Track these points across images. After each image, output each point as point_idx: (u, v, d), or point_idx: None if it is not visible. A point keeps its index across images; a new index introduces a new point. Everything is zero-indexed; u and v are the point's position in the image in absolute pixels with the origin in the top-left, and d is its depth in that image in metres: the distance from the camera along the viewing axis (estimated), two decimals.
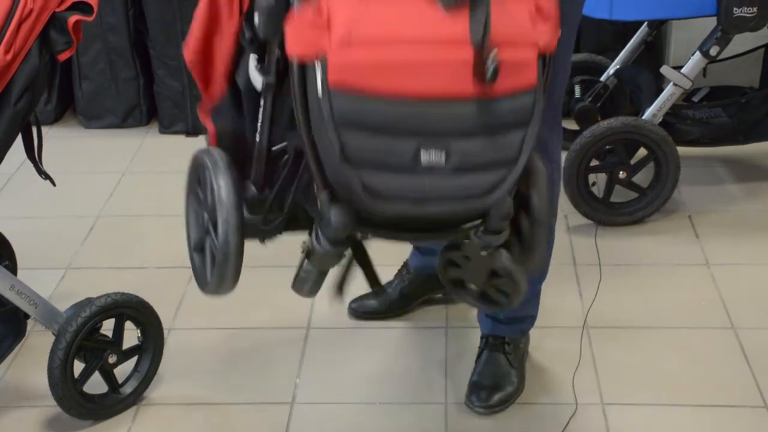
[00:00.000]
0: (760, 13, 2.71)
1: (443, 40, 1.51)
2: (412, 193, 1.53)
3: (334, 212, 1.57)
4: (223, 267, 1.74)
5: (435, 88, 1.51)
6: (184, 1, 3.38)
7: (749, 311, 2.55)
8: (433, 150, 1.52)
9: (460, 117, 1.53)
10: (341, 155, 1.50)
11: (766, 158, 3.20)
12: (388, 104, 1.50)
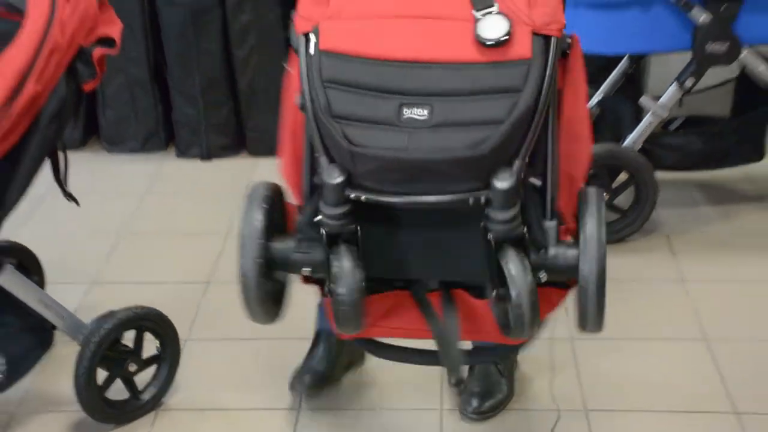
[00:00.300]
0: (730, 48, 2.72)
1: (427, 15, 1.61)
2: (392, 145, 1.53)
3: (327, 170, 1.57)
4: (245, 295, 1.70)
5: (413, 53, 1.59)
6: (200, 37, 3.40)
7: (721, 324, 2.54)
8: (414, 107, 1.55)
9: (445, 78, 1.57)
10: (327, 109, 1.56)
11: (737, 182, 3.20)
12: (370, 65, 1.58)
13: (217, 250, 2.96)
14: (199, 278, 2.83)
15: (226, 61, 3.47)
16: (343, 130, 1.54)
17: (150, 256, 2.97)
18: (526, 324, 1.60)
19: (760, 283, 2.72)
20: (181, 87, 3.49)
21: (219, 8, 3.37)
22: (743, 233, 2.96)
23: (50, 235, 2.98)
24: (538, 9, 1.61)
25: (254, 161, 3.53)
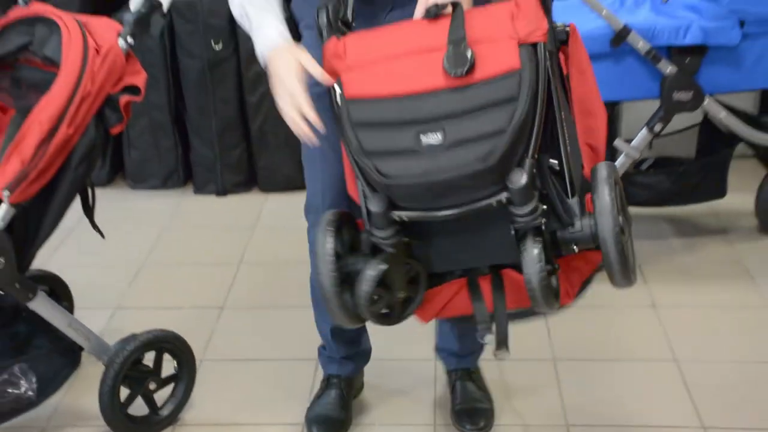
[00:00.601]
0: (694, 97, 2.73)
1: (425, 48, 1.66)
2: (415, 170, 1.60)
3: (371, 200, 1.64)
4: (327, 305, 1.72)
5: (425, 84, 1.64)
6: (216, 85, 3.41)
7: (689, 346, 2.54)
8: (429, 133, 1.61)
9: (448, 102, 1.62)
10: (359, 148, 1.63)
11: (702, 217, 3.20)
12: (388, 103, 1.65)
13: (230, 278, 2.96)
14: (213, 304, 2.83)
15: (239, 107, 3.48)
16: (375, 165, 1.61)
17: (169, 283, 2.96)
18: (540, 302, 1.63)
19: (725, 308, 2.71)
20: (199, 130, 3.50)
21: (233, 60, 3.40)
22: (709, 262, 2.95)
23: (79, 263, 2.98)
24: (520, 21, 1.64)
25: (265, 196, 3.53)
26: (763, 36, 2.69)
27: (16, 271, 1.97)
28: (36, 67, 2.04)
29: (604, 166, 1.67)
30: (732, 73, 2.72)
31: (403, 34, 1.71)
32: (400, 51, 1.68)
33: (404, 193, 1.63)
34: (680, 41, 2.67)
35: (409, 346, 2.40)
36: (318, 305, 2.24)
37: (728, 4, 2.63)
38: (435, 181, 1.58)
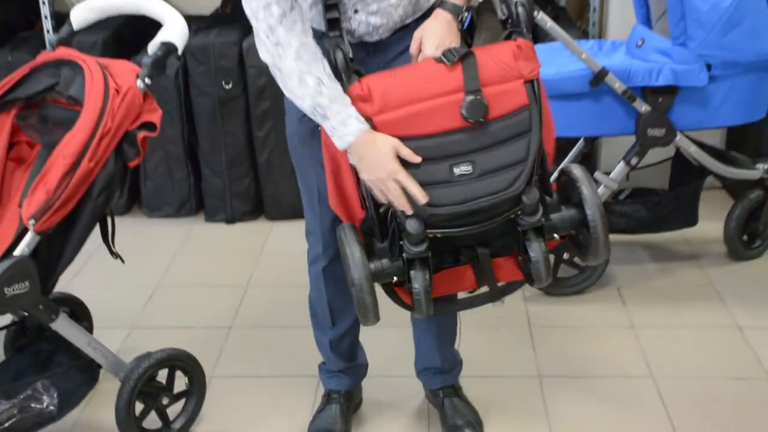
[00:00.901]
0: (667, 133, 2.74)
1: (448, 90, 1.73)
2: (453, 198, 1.73)
3: (410, 223, 1.73)
4: (362, 305, 1.78)
5: (450, 124, 1.73)
6: (226, 120, 3.42)
7: (665, 363, 2.53)
8: (461, 165, 1.72)
9: (472, 139, 1.73)
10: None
11: (676, 244, 3.20)
12: (420, 141, 1.72)
13: (238, 300, 2.95)
14: (222, 324, 2.82)
15: (247, 141, 3.48)
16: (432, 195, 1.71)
17: (181, 305, 2.95)
18: (543, 278, 1.81)
19: (698, 328, 2.71)
20: (210, 162, 3.50)
21: (242, 98, 3.40)
22: (682, 286, 2.95)
23: (98, 286, 2.97)
24: (521, 61, 1.75)
25: (270, 224, 3.53)
26: (728, 78, 2.71)
27: (40, 293, 1.97)
28: (61, 106, 2.05)
29: (576, 167, 1.85)
30: (701, 111, 2.74)
31: (422, 77, 1.75)
32: (424, 94, 1.73)
33: (444, 218, 1.74)
34: (653, 82, 2.68)
35: (404, 364, 2.39)
36: (317, 322, 2.24)
37: (696, 49, 2.65)
38: (472, 209, 1.73)
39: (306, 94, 1.74)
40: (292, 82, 1.74)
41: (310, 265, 2.17)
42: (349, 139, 1.73)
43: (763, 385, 2.42)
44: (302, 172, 2.06)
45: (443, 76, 1.73)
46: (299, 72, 1.73)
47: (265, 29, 1.73)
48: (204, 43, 3.33)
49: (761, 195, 3.01)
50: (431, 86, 1.73)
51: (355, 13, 1.84)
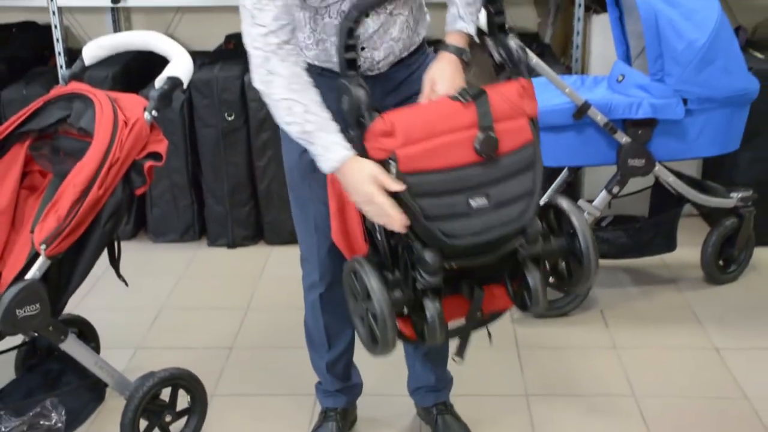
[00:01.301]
0: (646, 163, 2.77)
1: (464, 126, 1.74)
2: (472, 229, 1.72)
3: (427, 254, 1.71)
4: (384, 334, 1.74)
5: (466, 158, 1.73)
6: (228, 151, 3.43)
7: (646, 382, 2.54)
8: (477, 197, 1.72)
9: (487, 172, 1.74)
10: (422, 215, 1.69)
11: (656, 268, 3.21)
12: (439, 175, 1.71)
13: (239, 322, 2.95)
14: (223, 344, 2.82)
15: (248, 170, 3.50)
16: (439, 228, 1.70)
17: (184, 326, 2.95)
18: (541, 303, 1.83)
19: (677, 349, 2.72)
20: (213, 190, 3.51)
21: (244, 129, 3.42)
22: (662, 308, 2.96)
23: (105, 308, 2.96)
24: (525, 100, 1.79)
25: (270, 249, 3.53)
26: (703, 112, 2.74)
27: (50, 315, 1.98)
28: (73, 137, 2.07)
29: (563, 199, 1.88)
30: (678, 143, 2.77)
31: (440, 113, 1.75)
32: (442, 129, 1.73)
33: (462, 249, 1.74)
34: (633, 115, 2.72)
35: (397, 383, 2.40)
36: (313, 345, 2.24)
37: (673, 85, 2.69)
38: (488, 239, 1.73)
39: (293, 121, 1.76)
40: (282, 110, 1.77)
41: (307, 291, 2.16)
42: (333, 165, 1.75)
43: (739, 404, 2.43)
44: (300, 204, 2.06)
45: (459, 112, 1.74)
46: (288, 100, 1.75)
47: (261, 57, 1.74)
48: (208, 78, 3.36)
49: (736, 222, 3.03)
50: (448, 122, 1.73)
51: (362, 50, 1.87)
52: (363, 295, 1.77)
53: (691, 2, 2.71)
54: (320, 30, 1.86)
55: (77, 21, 3.85)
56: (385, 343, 1.75)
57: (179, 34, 3.84)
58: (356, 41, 1.79)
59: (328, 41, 1.87)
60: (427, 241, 1.72)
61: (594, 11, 3.43)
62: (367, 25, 1.83)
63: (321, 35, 1.86)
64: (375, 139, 1.71)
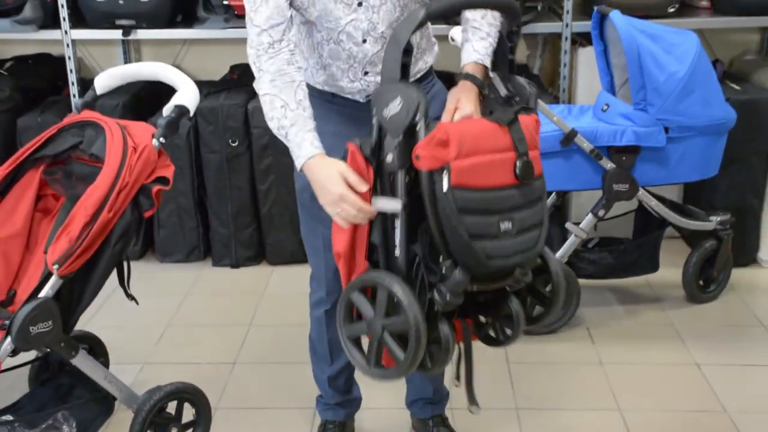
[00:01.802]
0: (630, 188, 2.77)
1: (504, 148, 1.66)
2: (504, 252, 1.63)
3: (458, 272, 1.61)
4: (416, 349, 1.61)
5: (503, 180, 1.65)
6: (232, 175, 3.43)
7: (631, 397, 2.54)
8: (505, 221, 1.63)
9: (516, 197, 1.66)
10: (466, 233, 1.59)
11: (640, 287, 3.22)
12: (481, 193, 1.62)
13: (242, 338, 2.95)
14: (227, 360, 2.82)
15: (251, 194, 3.50)
16: (482, 247, 1.60)
17: (190, 342, 2.95)
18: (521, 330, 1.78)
19: (660, 365, 2.72)
20: (218, 213, 3.51)
21: (247, 155, 3.43)
22: (645, 326, 2.96)
23: (114, 325, 2.96)
24: (536, 134, 1.73)
25: (272, 269, 3.52)
26: (683, 140, 2.75)
27: (62, 332, 1.98)
28: (84, 163, 2.07)
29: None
30: (660, 169, 2.78)
31: (485, 132, 1.67)
32: (486, 148, 1.64)
33: (491, 272, 1.65)
34: (618, 143, 2.73)
35: (393, 397, 2.40)
36: (316, 359, 2.24)
37: (655, 114, 2.71)
38: (511, 264, 1.66)
39: (273, 116, 1.76)
40: (266, 105, 1.78)
41: (313, 307, 2.16)
42: (301, 161, 1.73)
43: (719, 417, 2.43)
44: (310, 224, 2.05)
45: (498, 134, 1.67)
46: (270, 95, 1.76)
47: (254, 56, 1.78)
48: (213, 106, 3.38)
49: (715, 244, 3.04)
50: (491, 142, 1.66)
51: (365, 75, 1.89)
52: (381, 311, 1.65)
53: (672, 37, 2.74)
54: (327, 56, 1.89)
55: (90, 53, 3.87)
56: (414, 359, 1.62)
57: (186, 65, 3.86)
58: (411, 47, 1.72)
59: (334, 66, 1.89)
60: (463, 260, 1.61)
61: (580, 44, 3.46)
62: (366, 50, 1.85)
63: (327, 60, 1.89)
64: (432, 147, 1.59)
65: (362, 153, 1.69)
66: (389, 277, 1.65)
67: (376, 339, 1.67)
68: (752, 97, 3.18)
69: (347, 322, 1.74)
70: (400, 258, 1.68)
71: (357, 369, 1.76)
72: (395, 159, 1.63)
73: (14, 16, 3.36)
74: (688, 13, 3.42)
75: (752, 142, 3.20)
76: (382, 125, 1.66)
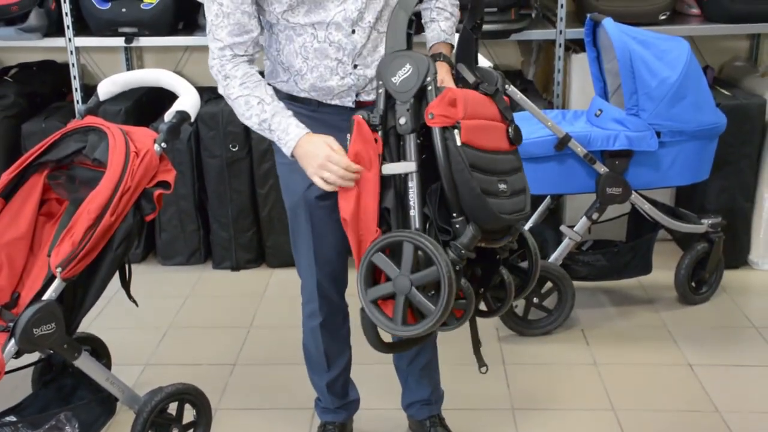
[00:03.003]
0: (623, 192, 2.76)
1: (495, 116, 1.80)
2: (506, 209, 1.73)
3: (471, 228, 1.69)
4: (449, 296, 1.65)
5: (500, 145, 1.79)
6: (232, 179, 3.44)
7: (625, 397, 2.54)
8: (500, 183, 1.74)
9: (508, 162, 1.79)
10: (478, 186, 1.69)
11: (633, 289, 3.22)
12: (484, 153, 1.74)
13: (242, 340, 2.94)
14: (227, 361, 2.82)
15: (251, 197, 3.50)
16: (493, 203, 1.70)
17: (191, 344, 2.94)
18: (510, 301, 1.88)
19: (653, 365, 2.72)
20: (218, 216, 3.52)
21: (247, 159, 3.43)
22: (639, 327, 2.96)
23: (116, 327, 2.96)
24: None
25: (271, 271, 3.52)
26: (675, 144, 2.76)
27: (65, 334, 1.97)
28: (87, 167, 2.08)
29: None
30: (653, 173, 2.79)
31: (477, 99, 1.79)
32: (483, 114, 1.77)
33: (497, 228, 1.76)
34: (611, 147, 2.74)
35: (390, 398, 2.40)
36: (312, 366, 2.23)
37: (647, 119, 2.72)
38: (511, 221, 1.76)
39: (252, 114, 1.84)
40: (241, 107, 1.85)
41: (306, 318, 2.15)
42: (291, 144, 1.80)
43: (711, 417, 2.43)
44: (301, 238, 2.05)
45: (488, 103, 1.81)
46: (245, 96, 1.84)
47: (218, 66, 1.86)
48: (214, 111, 3.38)
49: (706, 247, 3.05)
50: (485, 109, 1.79)
51: (355, 68, 1.89)
52: (407, 268, 1.67)
53: (663, 43, 2.75)
54: (312, 57, 1.89)
55: (93, 60, 3.87)
56: (447, 306, 1.64)
57: (187, 72, 3.86)
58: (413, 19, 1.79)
59: (322, 66, 1.89)
60: (474, 214, 1.69)
61: (573, 51, 3.47)
62: (355, 41, 1.86)
63: (314, 62, 1.89)
64: (443, 107, 1.70)
65: (368, 123, 1.76)
66: (413, 233, 1.70)
67: (404, 295, 1.69)
68: (742, 102, 3.19)
69: (369, 285, 1.75)
70: (416, 217, 1.73)
71: (384, 330, 1.77)
72: (408, 121, 1.71)
73: (19, 24, 3.36)
74: (679, 21, 3.43)
75: (742, 147, 3.21)
76: (391, 93, 1.74)
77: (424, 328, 1.69)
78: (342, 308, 2.15)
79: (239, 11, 1.82)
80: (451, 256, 1.68)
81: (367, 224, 1.77)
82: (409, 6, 1.76)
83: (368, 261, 1.73)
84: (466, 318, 1.76)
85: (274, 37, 1.92)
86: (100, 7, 3.35)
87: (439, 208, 1.72)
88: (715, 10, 3.34)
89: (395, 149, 1.75)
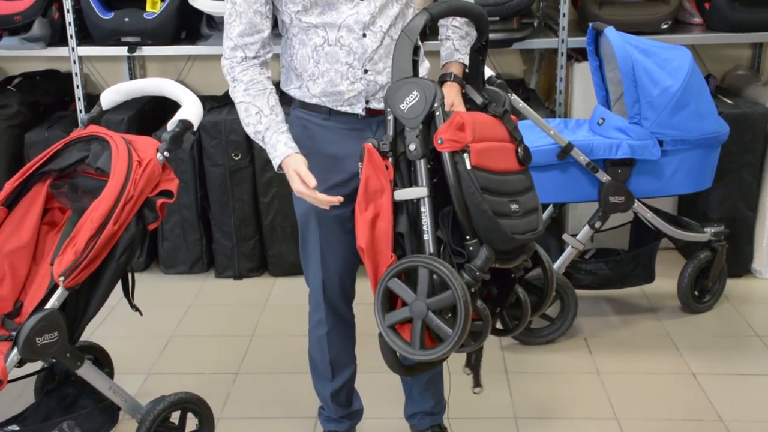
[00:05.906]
0: (626, 200, 2.77)
1: (504, 137, 1.82)
2: (518, 230, 1.75)
3: (485, 249, 1.71)
4: (466, 319, 1.65)
5: (510, 166, 1.80)
6: (235, 188, 3.45)
7: (628, 406, 2.53)
8: (512, 204, 1.76)
9: (519, 182, 1.81)
10: (489, 208, 1.71)
11: (635, 298, 3.22)
12: (494, 175, 1.76)
13: (244, 349, 2.94)
14: (230, 370, 2.82)
15: (254, 206, 3.51)
16: (504, 224, 1.72)
17: (193, 352, 2.94)
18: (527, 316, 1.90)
19: (656, 374, 2.71)
20: (221, 225, 3.52)
21: (249, 168, 3.44)
22: (642, 336, 2.96)
23: (118, 336, 2.97)
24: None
25: (274, 280, 3.53)
26: (677, 153, 2.76)
27: (68, 343, 1.98)
28: (90, 176, 2.08)
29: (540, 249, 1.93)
30: (655, 181, 2.78)
31: (486, 122, 1.82)
32: (492, 136, 1.79)
33: (513, 247, 1.76)
34: (613, 156, 2.74)
35: (393, 407, 2.39)
36: (317, 375, 2.23)
37: (649, 128, 2.72)
38: (523, 241, 1.76)
39: (249, 122, 1.88)
40: (241, 112, 1.90)
41: (312, 327, 2.15)
42: (276, 162, 1.85)
43: (714, 426, 2.43)
44: (310, 248, 2.05)
45: (497, 125, 1.83)
46: (246, 104, 1.88)
47: (228, 66, 1.89)
48: (216, 120, 3.39)
49: (709, 255, 3.05)
50: (494, 131, 1.81)
51: (365, 73, 1.89)
52: (423, 293, 1.68)
53: (665, 52, 2.75)
54: (324, 61, 1.90)
55: (96, 69, 3.89)
56: (464, 330, 1.64)
57: (190, 81, 3.88)
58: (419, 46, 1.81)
59: (332, 70, 1.90)
60: (488, 236, 1.71)
61: (576, 60, 3.48)
62: (366, 45, 1.86)
63: (325, 66, 1.90)
64: (452, 131, 1.72)
65: (379, 150, 1.78)
66: (427, 257, 1.71)
67: (421, 319, 1.70)
68: (744, 110, 3.19)
69: (386, 311, 1.76)
70: (430, 241, 1.73)
71: (402, 354, 1.78)
72: (418, 147, 1.73)
73: (23, 33, 3.38)
74: (681, 30, 3.43)
75: (745, 155, 3.21)
76: (400, 120, 1.76)
77: (443, 352, 1.69)
78: (349, 318, 2.15)
79: (252, 10, 1.85)
80: (466, 278, 1.69)
81: (382, 250, 1.78)
82: (413, 32, 1.77)
83: (384, 287, 1.74)
84: (483, 339, 1.78)
85: (289, 42, 1.94)
86: (103, 16, 3.36)
87: (453, 231, 1.74)
88: (717, 19, 3.35)
89: (406, 174, 1.77)
